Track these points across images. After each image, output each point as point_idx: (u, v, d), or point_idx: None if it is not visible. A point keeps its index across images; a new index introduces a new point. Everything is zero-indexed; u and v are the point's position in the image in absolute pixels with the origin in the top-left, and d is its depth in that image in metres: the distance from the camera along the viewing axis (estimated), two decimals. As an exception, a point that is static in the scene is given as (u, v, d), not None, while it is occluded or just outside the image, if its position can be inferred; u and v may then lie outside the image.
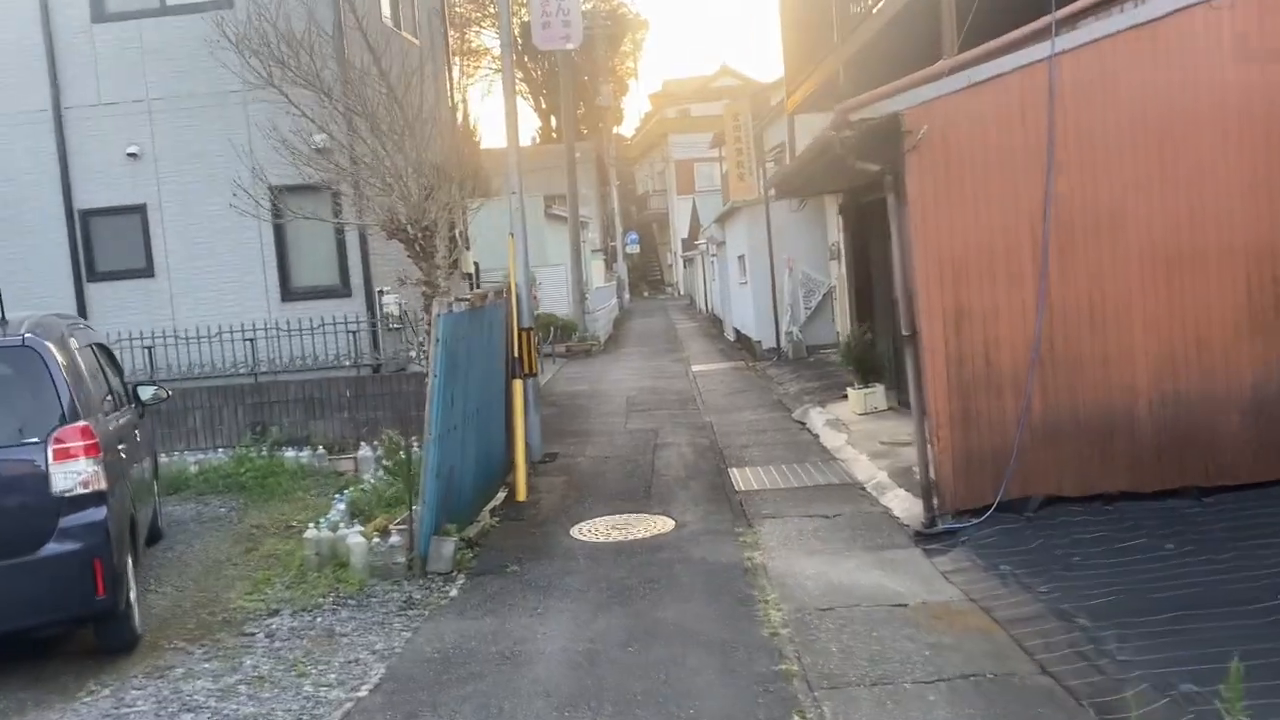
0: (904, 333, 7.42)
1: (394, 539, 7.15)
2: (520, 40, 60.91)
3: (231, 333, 12.15)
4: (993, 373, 7.24)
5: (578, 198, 27.18)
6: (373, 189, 7.29)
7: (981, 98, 7.15)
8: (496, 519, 8.68)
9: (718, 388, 17.33)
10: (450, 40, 18.20)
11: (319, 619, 6.52)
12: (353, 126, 8.46)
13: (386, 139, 7.57)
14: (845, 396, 13.56)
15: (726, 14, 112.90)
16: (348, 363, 11.99)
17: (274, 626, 6.43)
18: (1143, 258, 7.21)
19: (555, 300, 26.29)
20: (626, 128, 68.07)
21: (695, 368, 20.81)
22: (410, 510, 7.22)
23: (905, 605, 6.00)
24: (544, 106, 60.79)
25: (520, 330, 10.95)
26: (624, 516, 8.65)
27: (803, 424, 12.84)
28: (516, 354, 10.04)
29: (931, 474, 7.37)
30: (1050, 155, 7.14)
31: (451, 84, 16.42)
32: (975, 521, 7.20)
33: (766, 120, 21.47)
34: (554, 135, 55.52)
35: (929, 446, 7.38)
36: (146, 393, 7.95)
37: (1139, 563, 6.20)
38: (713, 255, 31.88)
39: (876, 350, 12.40)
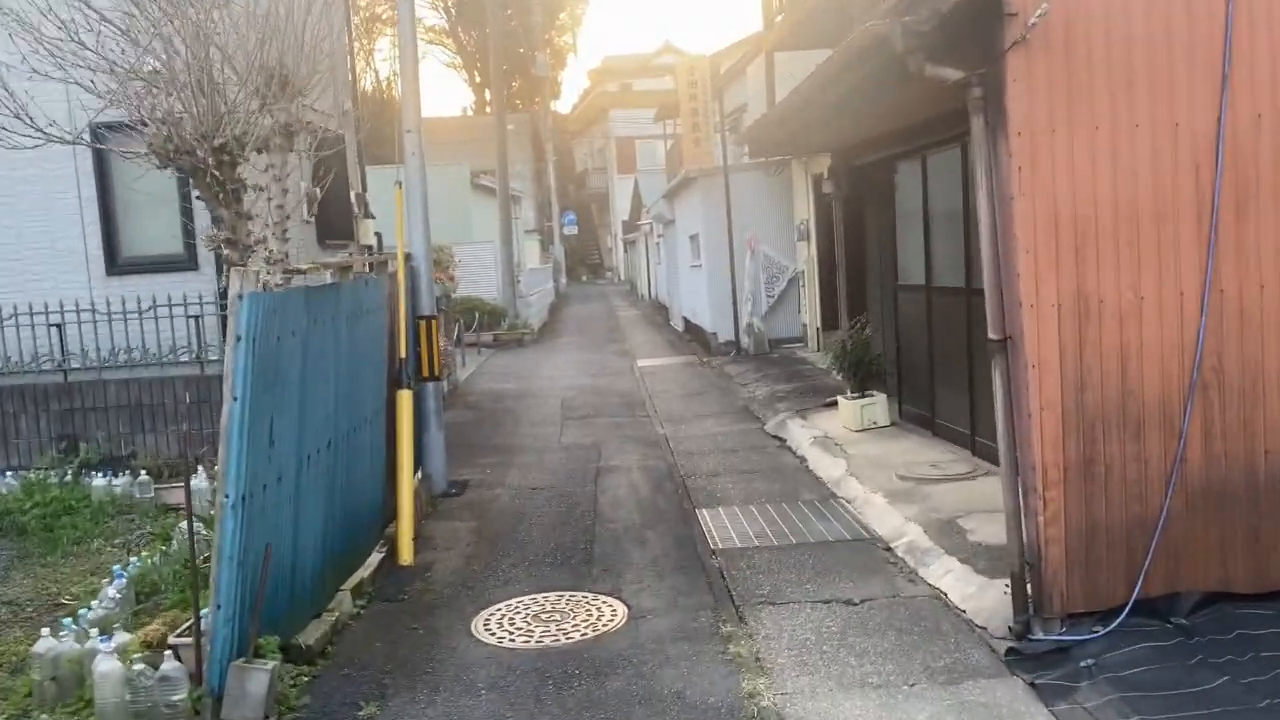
0: (991, 337, 4.78)
1: (169, 665, 4.31)
2: (454, 10, 57.73)
3: (31, 315, 9.08)
4: (1130, 402, 4.66)
5: (508, 169, 24.23)
6: (128, 81, 4.49)
7: (1125, -32, 4.54)
8: (362, 602, 5.85)
9: (670, 388, 14.64)
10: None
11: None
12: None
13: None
14: (830, 405, 10.99)
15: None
16: (187, 357, 9.02)
17: None
18: (1358, 226, 4.68)
19: (482, 282, 23.36)
20: (564, 105, 64.99)
21: (642, 362, 18.10)
22: (196, 617, 4.38)
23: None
24: (478, 80, 57.41)
25: (418, 319, 8.14)
26: (554, 597, 5.91)
27: (781, 440, 10.22)
28: (405, 354, 7.21)
29: (1029, 553, 4.77)
30: (1227, 57, 4.56)
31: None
32: (1099, 631, 4.62)
33: (722, 82, 18.78)
34: (487, 110, 52.23)
35: (1027, 513, 4.78)
36: None
37: None
38: (659, 236, 29.19)
39: (872, 351, 9.82)
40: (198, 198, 5.18)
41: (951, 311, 8.35)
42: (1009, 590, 5.06)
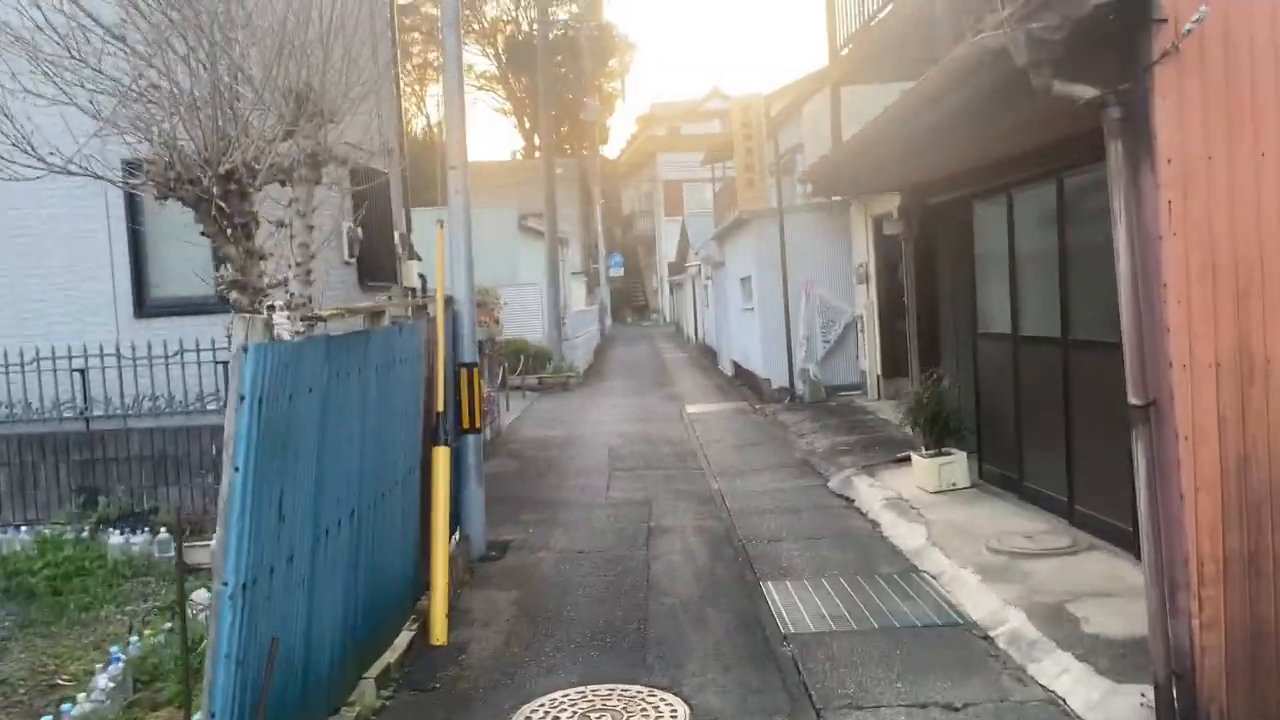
0: (1132, 402, 4.01)
1: (155, 784, 3.64)
2: (504, 57, 58.26)
3: (54, 359, 8.61)
4: (1306, 481, 3.85)
5: (556, 210, 23.80)
6: (133, 99, 3.94)
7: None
8: (388, 692, 5.15)
9: (722, 437, 13.89)
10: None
11: None
12: None
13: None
14: (901, 461, 10.17)
15: (716, 38, 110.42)
16: (215, 405, 8.47)
17: None
18: None
19: (528, 324, 22.85)
20: (612, 150, 65.02)
21: (691, 408, 17.37)
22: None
23: None
24: (527, 126, 57.62)
25: (459, 367, 7.53)
26: (604, 691, 5.16)
27: (848, 500, 9.41)
28: (444, 406, 6.56)
29: (1177, 661, 3.95)
30: None
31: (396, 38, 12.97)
32: (1272, 764, 3.78)
33: (776, 124, 18.17)
34: (536, 154, 52.36)
35: (1176, 613, 3.97)
36: None
37: None
38: (707, 278, 28.58)
39: (947, 404, 9.00)
40: (202, 233, 4.59)
41: (1044, 364, 7.55)
42: (1147, 702, 4.25)
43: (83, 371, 8.62)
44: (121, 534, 7.70)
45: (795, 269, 16.44)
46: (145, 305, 8.97)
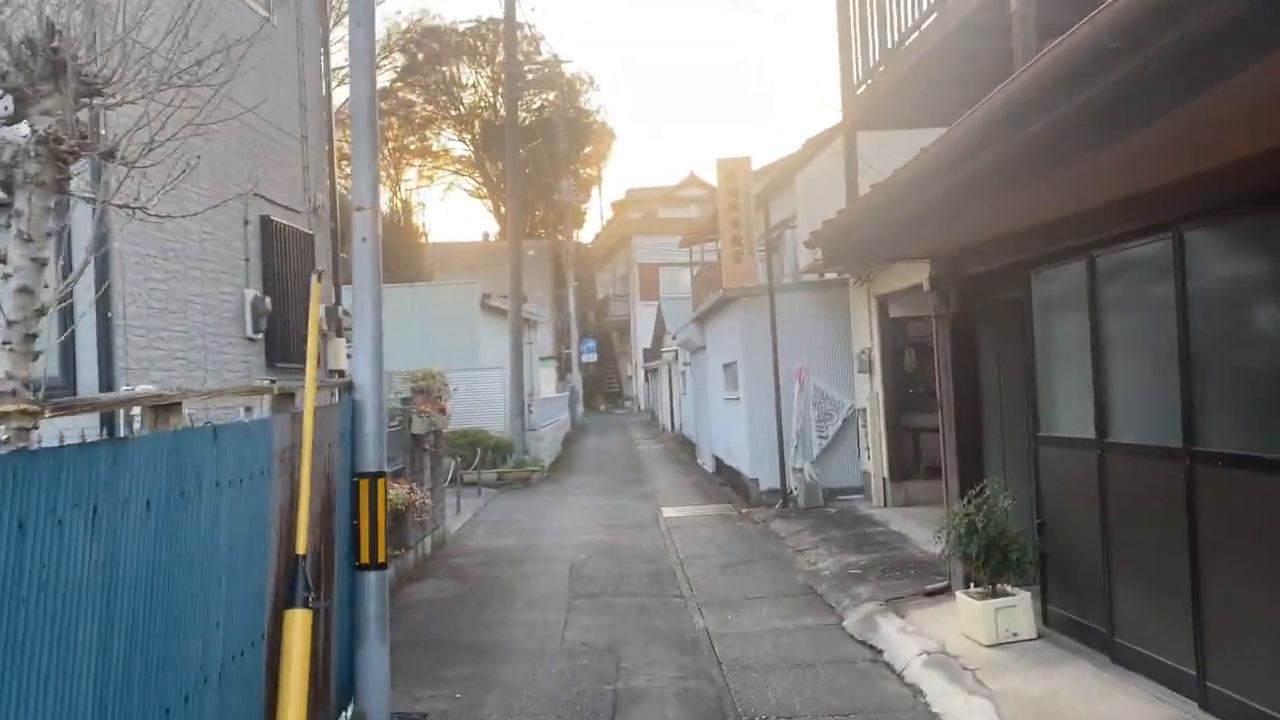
0: None
1: None
2: (479, 140, 57.36)
3: None
4: None
5: (521, 286, 21.94)
6: None
7: None
8: None
9: (705, 551, 11.76)
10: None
11: None
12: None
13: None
14: (934, 595, 8.13)
15: (695, 128, 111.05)
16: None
17: None
18: None
19: (489, 413, 20.76)
20: (588, 235, 63.91)
21: (668, 512, 15.23)
22: None
23: None
24: (502, 211, 56.44)
25: (357, 479, 5.49)
26: None
27: (874, 651, 7.30)
28: (311, 544, 4.44)
29: None
30: None
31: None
32: None
33: (766, 194, 16.50)
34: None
35: None
36: None
37: None
38: (685, 364, 26.71)
39: (1007, 529, 6.94)
40: None
41: (1152, 481, 5.58)
42: None
43: None
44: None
45: (787, 355, 14.55)
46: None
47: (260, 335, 9.24)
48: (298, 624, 4.13)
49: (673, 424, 32.61)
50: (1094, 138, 4.23)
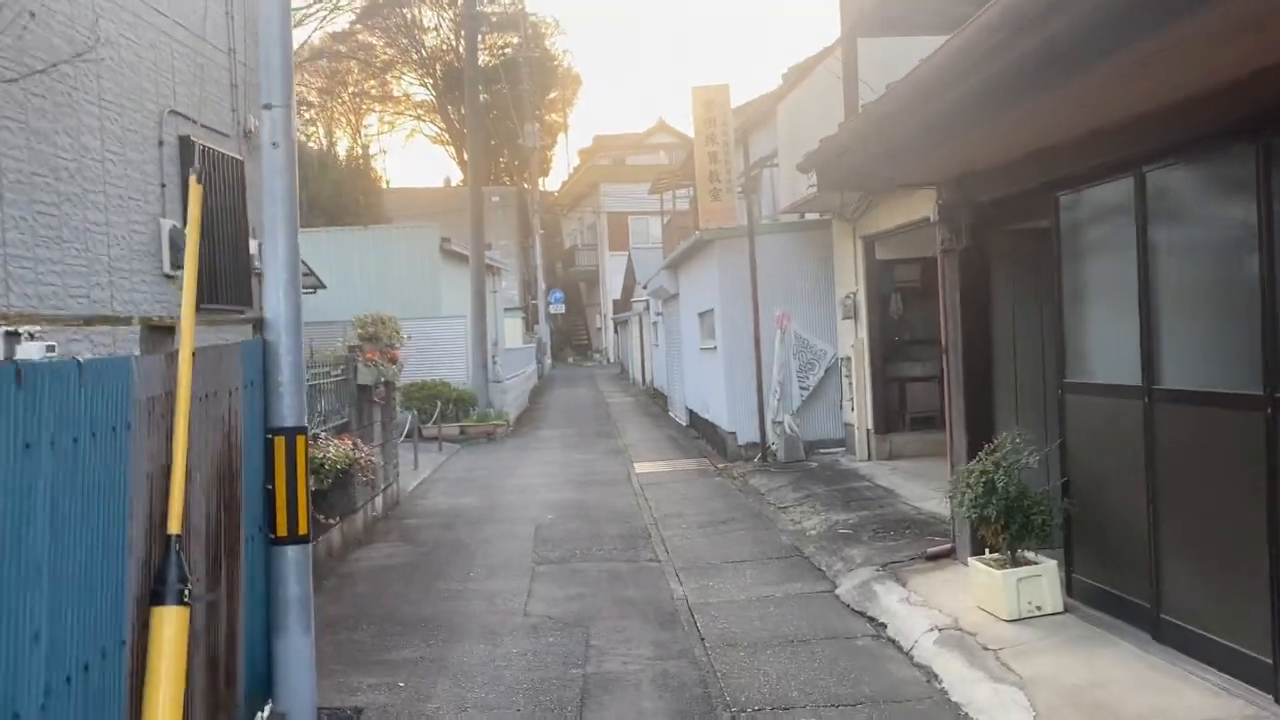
0: None
1: None
2: (442, 84, 55.53)
3: None
4: None
5: (483, 231, 20.80)
6: None
7: None
8: None
9: (682, 509, 10.91)
10: None
11: None
12: None
13: None
14: (935, 558, 7.33)
15: (663, 74, 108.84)
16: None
17: None
18: None
19: (451, 364, 19.73)
20: (554, 183, 62.39)
21: (640, 467, 14.36)
22: None
23: None
24: (465, 158, 54.82)
25: (271, 435, 4.54)
26: None
27: (875, 625, 6.48)
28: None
29: None
30: None
31: None
32: None
33: (746, 128, 15.44)
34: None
35: None
36: None
37: None
38: (657, 314, 25.78)
39: (1030, 489, 6.09)
40: None
41: (1223, 433, 4.73)
42: None
43: None
44: None
45: (767, 300, 13.63)
46: None
47: (180, 272, 8.15)
48: (169, 625, 3.15)
49: (644, 377, 31.74)
50: (1108, 44, 3.32)
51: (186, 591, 3.17)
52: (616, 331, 45.95)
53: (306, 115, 50.06)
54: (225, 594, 4.07)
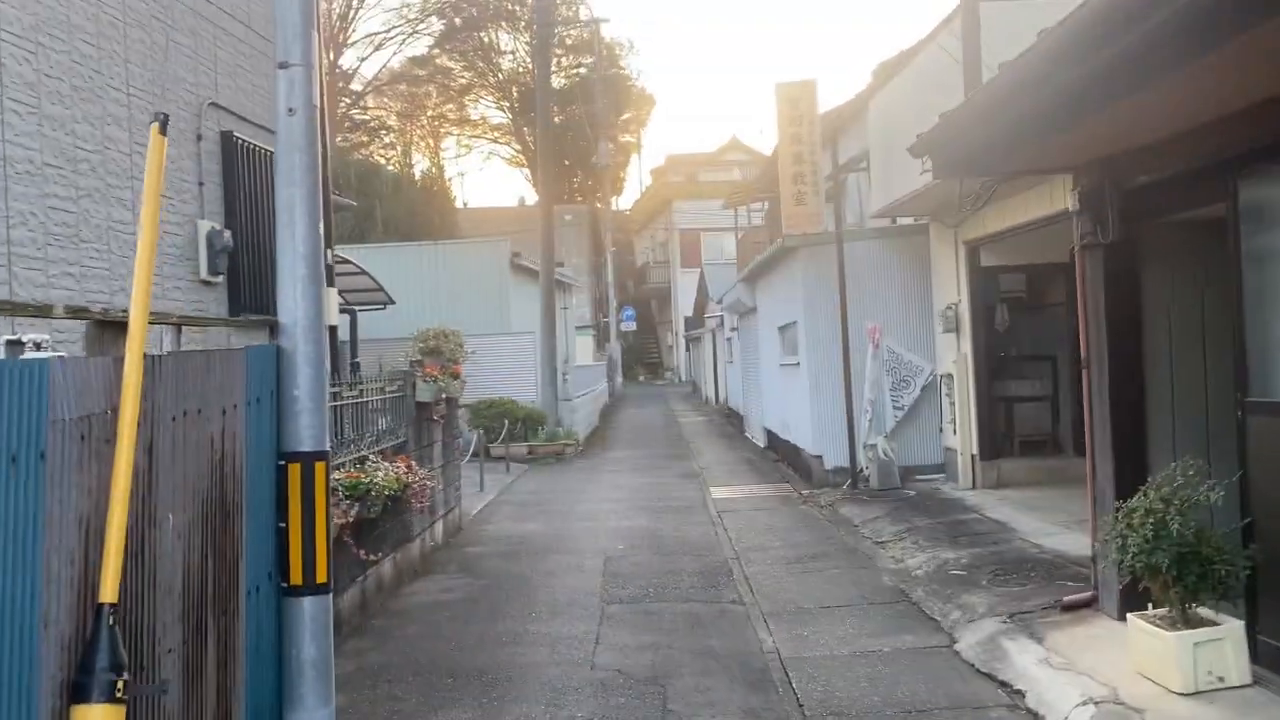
0: None
1: None
2: (518, 104, 55.53)
3: None
4: None
5: (554, 244, 20.09)
6: None
7: None
8: None
9: (765, 541, 9.89)
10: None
11: None
12: None
13: None
14: (1072, 609, 6.20)
15: (737, 91, 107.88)
16: None
17: None
18: None
19: (519, 381, 19.00)
20: (626, 201, 61.90)
21: (717, 492, 13.37)
22: None
23: None
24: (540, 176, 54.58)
25: (283, 461, 3.69)
26: None
27: (1011, 692, 5.39)
28: (112, 584, 2.61)
29: None
30: None
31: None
32: None
33: (832, 128, 14.44)
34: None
35: None
36: None
37: None
38: (731, 330, 24.79)
39: (1208, 534, 4.97)
40: None
41: None
42: None
43: None
44: None
45: (856, 312, 12.57)
46: None
47: (220, 278, 7.48)
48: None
49: (717, 395, 30.72)
50: None
51: (117, 684, 2.32)
52: (688, 349, 45.02)
53: (387, 139, 50.48)
54: (216, 663, 3.23)
